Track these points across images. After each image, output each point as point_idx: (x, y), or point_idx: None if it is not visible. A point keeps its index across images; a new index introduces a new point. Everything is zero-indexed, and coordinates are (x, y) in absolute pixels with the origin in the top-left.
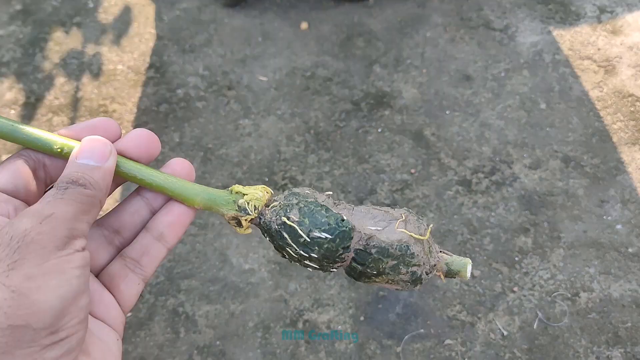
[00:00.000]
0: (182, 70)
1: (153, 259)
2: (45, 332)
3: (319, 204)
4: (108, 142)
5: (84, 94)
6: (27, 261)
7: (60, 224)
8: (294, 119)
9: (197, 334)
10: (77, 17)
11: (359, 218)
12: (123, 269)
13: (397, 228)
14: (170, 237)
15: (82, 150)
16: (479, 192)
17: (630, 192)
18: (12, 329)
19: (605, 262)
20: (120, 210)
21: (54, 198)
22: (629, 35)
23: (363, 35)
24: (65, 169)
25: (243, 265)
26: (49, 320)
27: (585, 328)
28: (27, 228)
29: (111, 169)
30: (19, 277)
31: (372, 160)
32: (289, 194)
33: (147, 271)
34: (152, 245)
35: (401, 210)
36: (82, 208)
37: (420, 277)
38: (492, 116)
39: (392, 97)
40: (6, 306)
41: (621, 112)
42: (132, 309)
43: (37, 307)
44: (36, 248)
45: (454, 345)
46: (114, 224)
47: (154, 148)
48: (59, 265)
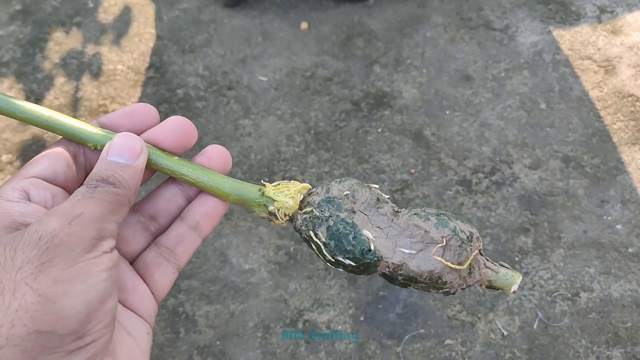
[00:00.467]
0: (182, 70)
1: (187, 248)
2: (70, 337)
3: (349, 224)
4: (140, 140)
5: (83, 94)
6: (55, 264)
7: (89, 224)
8: (294, 119)
9: (197, 334)
10: (77, 17)
11: (395, 234)
12: (158, 258)
13: (434, 254)
14: (205, 227)
15: (113, 148)
16: (479, 192)
17: (630, 192)
18: (38, 334)
19: (605, 262)
20: (155, 196)
21: (84, 197)
22: (629, 35)
23: (363, 35)
24: (96, 165)
25: (243, 265)
26: (75, 326)
27: (585, 328)
28: (56, 228)
29: (141, 168)
30: (47, 281)
31: (372, 160)
32: (324, 200)
33: (182, 260)
34: (187, 235)
35: (448, 229)
36: (111, 208)
37: (454, 294)
38: (492, 116)
39: (392, 97)
40: (33, 310)
41: (621, 112)
42: (163, 298)
43: (64, 312)
44: (64, 250)
45: (454, 345)
46: (149, 210)
47: (191, 137)
48: (86, 269)
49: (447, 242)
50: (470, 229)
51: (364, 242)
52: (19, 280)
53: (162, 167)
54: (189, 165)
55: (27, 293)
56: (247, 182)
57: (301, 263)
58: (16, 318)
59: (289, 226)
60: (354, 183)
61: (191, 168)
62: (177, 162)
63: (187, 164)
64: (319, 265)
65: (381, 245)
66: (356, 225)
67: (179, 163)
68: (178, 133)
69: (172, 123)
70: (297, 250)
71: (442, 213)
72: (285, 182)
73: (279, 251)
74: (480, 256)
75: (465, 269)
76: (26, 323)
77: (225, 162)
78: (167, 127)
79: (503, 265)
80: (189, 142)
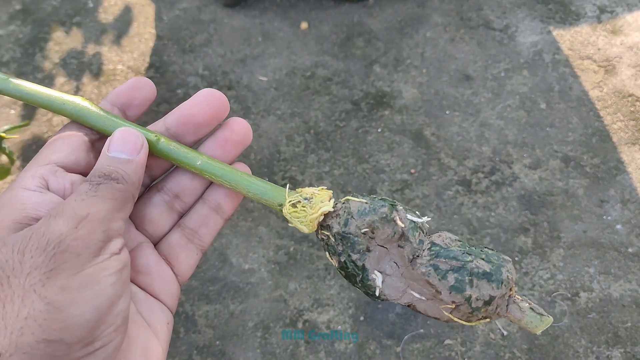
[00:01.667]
0: (182, 70)
1: (211, 229)
2: (78, 345)
3: (358, 267)
4: (140, 134)
5: (83, 94)
6: (63, 271)
7: (96, 226)
8: (293, 119)
9: (196, 333)
10: (77, 17)
11: (409, 277)
12: (182, 239)
13: (443, 308)
14: (227, 207)
15: (114, 143)
16: (479, 192)
17: (630, 192)
18: (46, 342)
19: (605, 262)
20: (179, 174)
21: (88, 196)
22: (629, 35)
23: (363, 35)
24: (98, 162)
25: (243, 265)
26: (83, 333)
27: (585, 328)
28: (63, 232)
29: (143, 162)
30: (54, 289)
31: (372, 160)
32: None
33: (205, 241)
34: (210, 216)
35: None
36: (116, 205)
37: None
38: (492, 116)
39: (392, 97)
40: (41, 319)
41: (621, 112)
42: (187, 279)
43: (71, 321)
44: (71, 256)
45: (454, 345)
46: (173, 188)
47: (223, 110)
48: (94, 275)
49: (457, 306)
50: (494, 291)
51: (370, 286)
52: (27, 287)
53: (185, 165)
54: (214, 164)
55: (35, 301)
56: (273, 186)
57: (301, 263)
58: (25, 326)
59: (290, 226)
60: (376, 220)
61: (217, 168)
62: (207, 162)
63: (217, 164)
64: (319, 265)
65: (391, 286)
66: (366, 270)
67: (209, 163)
68: (211, 105)
69: (203, 96)
70: (297, 250)
71: (467, 270)
72: (308, 195)
73: (278, 251)
74: (504, 303)
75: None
76: (35, 331)
77: (247, 135)
78: (199, 101)
79: (533, 309)
80: (222, 116)
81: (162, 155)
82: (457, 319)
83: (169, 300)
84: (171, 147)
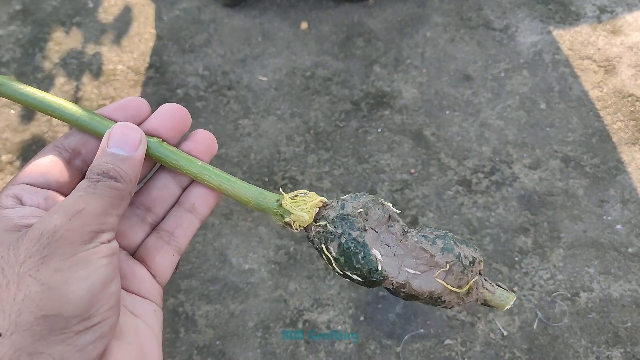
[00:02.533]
0: (182, 70)
1: (186, 230)
2: (76, 319)
3: (360, 243)
4: (139, 130)
5: (83, 94)
6: (56, 256)
7: (90, 219)
8: (293, 119)
9: (196, 333)
10: (77, 17)
11: (402, 254)
12: (158, 241)
13: (436, 277)
14: (201, 208)
15: (113, 139)
16: (479, 192)
17: (630, 192)
18: (45, 318)
19: (605, 262)
20: (150, 186)
21: (86, 192)
22: (629, 35)
23: (363, 35)
24: (97, 157)
25: (243, 265)
26: (80, 308)
27: (585, 328)
28: (57, 224)
29: (141, 158)
30: (49, 271)
31: (372, 160)
32: (338, 217)
33: (181, 242)
34: (185, 217)
35: (452, 255)
36: (112, 202)
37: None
38: (492, 116)
39: (392, 97)
40: (38, 299)
41: (621, 112)
42: (168, 280)
43: (67, 297)
44: (64, 244)
45: (454, 345)
46: (145, 201)
47: (186, 121)
48: (86, 257)
49: (451, 267)
50: (474, 253)
51: (372, 262)
52: (22, 273)
53: (185, 170)
54: (213, 171)
55: (31, 284)
56: (267, 191)
57: (301, 263)
58: (23, 307)
59: None
60: (368, 200)
61: (214, 174)
62: (201, 168)
63: (210, 170)
64: (319, 265)
65: (388, 264)
66: (366, 245)
67: (203, 168)
68: (174, 119)
69: (166, 110)
70: (297, 250)
71: (449, 237)
72: (302, 192)
73: (278, 251)
74: (479, 277)
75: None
76: (33, 310)
77: (211, 147)
78: (162, 115)
79: (500, 285)
80: (185, 127)
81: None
82: (450, 286)
83: (150, 297)
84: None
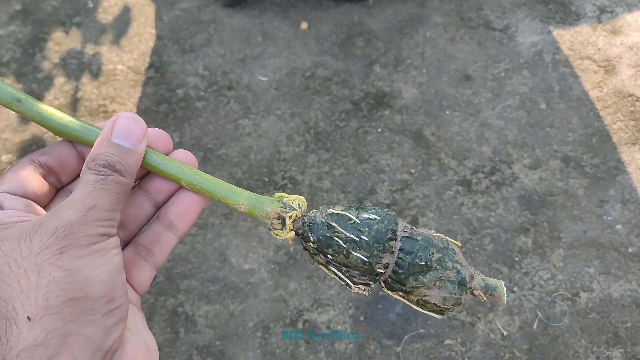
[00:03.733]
0: (182, 70)
1: (164, 247)
2: (102, 300)
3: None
4: (143, 124)
5: (83, 94)
6: (74, 247)
7: (102, 214)
8: (293, 119)
9: (196, 334)
10: (77, 17)
11: None
12: (135, 257)
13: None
14: (180, 226)
15: (118, 129)
16: (479, 192)
17: (630, 192)
18: (73, 300)
19: (605, 262)
20: (124, 204)
21: (95, 188)
22: (629, 35)
23: (363, 35)
24: (100, 146)
25: (243, 265)
26: (104, 290)
27: (585, 328)
28: (73, 219)
29: (142, 153)
30: (69, 258)
31: (372, 160)
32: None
33: (159, 259)
34: (163, 234)
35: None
36: (118, 198)
37: (465, 281)
38: (492, 116)
39: (392, 97)
40: (63, 282)
41: (621, 112)
42: (145, 293)
43: (91, 280)
44: (82, 236)
45: (454, 345)
46: None
47: (168, 144)
48: (102, 247)
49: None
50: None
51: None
52: (40, 262)
53: (175, 176)
54: (201, 176)
55: (52, 271)
56: (262, 196)
57: (301, 263)
58: (49, 292)
59: None
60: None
61: (203, 178)
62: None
63: (199, 175)
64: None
65: None
66: None
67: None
68: (157, 144)
69: (150, 133)
70: (297, 250)
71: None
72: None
73: (278, 251)
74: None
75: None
76: (60, 294)
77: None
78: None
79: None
80: (168, 149)
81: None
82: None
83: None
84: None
